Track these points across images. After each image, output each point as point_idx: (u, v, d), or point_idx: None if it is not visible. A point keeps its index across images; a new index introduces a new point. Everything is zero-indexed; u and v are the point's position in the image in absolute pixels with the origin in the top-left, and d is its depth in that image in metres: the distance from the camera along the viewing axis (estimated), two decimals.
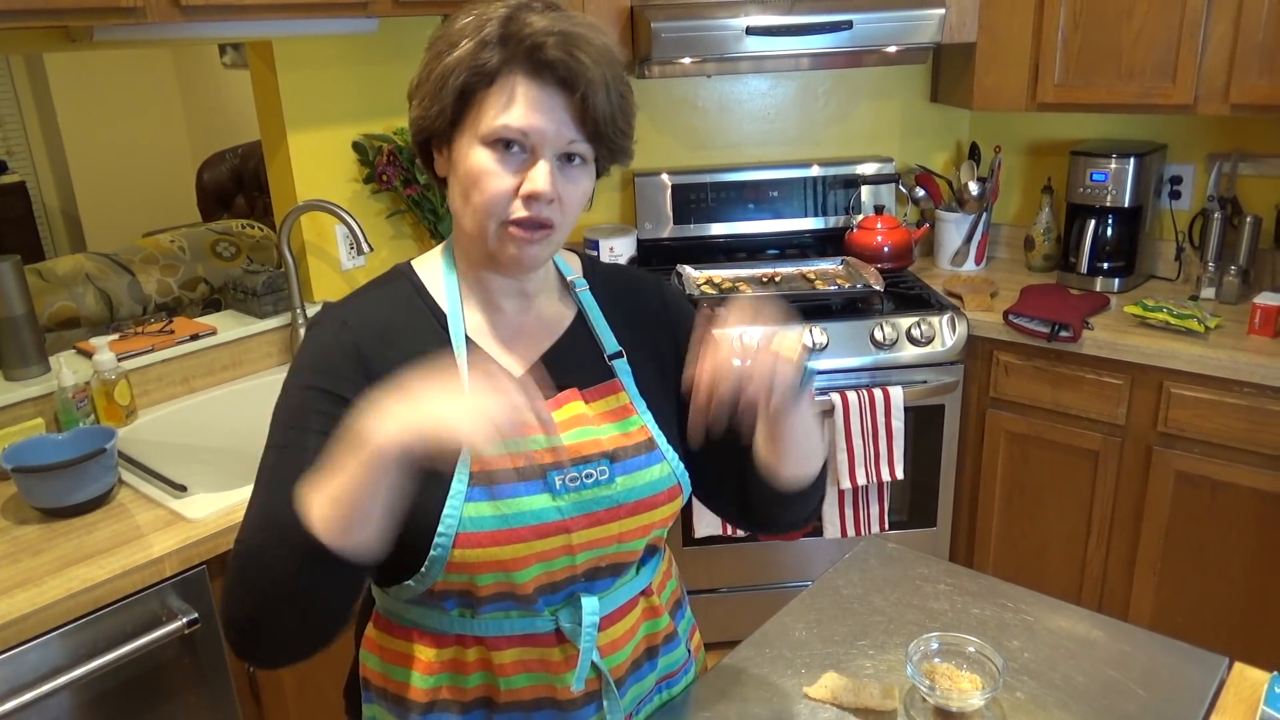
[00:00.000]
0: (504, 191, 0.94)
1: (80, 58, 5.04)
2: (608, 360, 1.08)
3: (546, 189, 0.93)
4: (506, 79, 0.93)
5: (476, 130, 0.95)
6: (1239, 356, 2.10)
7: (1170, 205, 2.64)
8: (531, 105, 0.93)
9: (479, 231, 0.97)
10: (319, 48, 2.26)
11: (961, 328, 2.40)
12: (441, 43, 0.96)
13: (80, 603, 1.40)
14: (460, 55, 0.93)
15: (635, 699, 1.12)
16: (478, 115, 0.94)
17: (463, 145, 0.96)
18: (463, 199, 0.97)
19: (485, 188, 0.94)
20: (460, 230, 1.03)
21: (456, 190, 0.99)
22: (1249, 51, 2.15)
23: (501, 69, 0.93)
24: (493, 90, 0.93)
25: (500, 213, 0.95)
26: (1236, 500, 2.17)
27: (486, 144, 0.94)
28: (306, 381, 0.99)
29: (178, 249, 2.87)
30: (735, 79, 2.88)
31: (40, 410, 1.86)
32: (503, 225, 0.96)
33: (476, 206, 0.96)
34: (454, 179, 0.99)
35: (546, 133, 0.93)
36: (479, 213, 0.96)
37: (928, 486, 2.53)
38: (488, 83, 0.93)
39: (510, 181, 0.94)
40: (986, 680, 1.08)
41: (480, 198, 0.95)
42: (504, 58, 0.93)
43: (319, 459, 0.91)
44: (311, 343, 1.02)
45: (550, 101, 0.93)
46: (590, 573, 1.04)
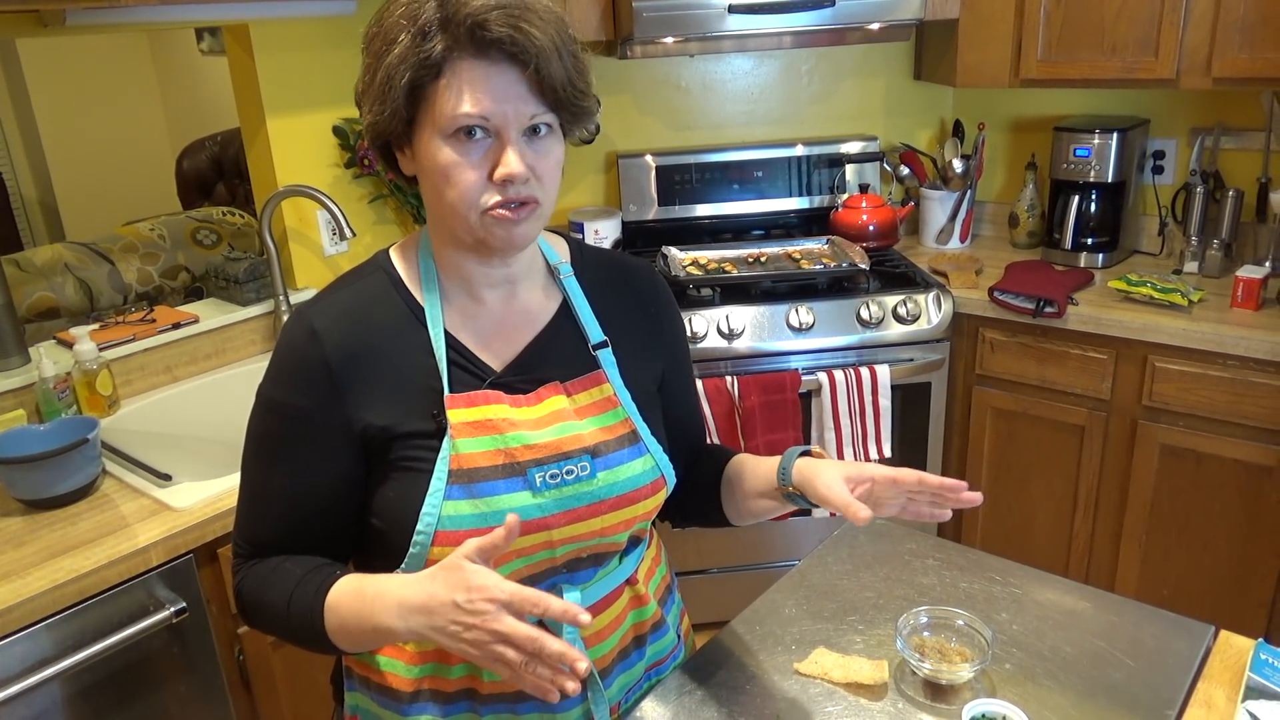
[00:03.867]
0: (476, 182, 0.92)
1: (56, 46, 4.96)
2: (592, 350, 1.06)
3: (520, 170, 0.91)
4: (454, 66, 0.90)
5: (435, 125, 0.91)
6: (1222, 329, 2.11)
7: (1153, 180, 2.65)
8: (485, 89, 0.90)
9: (462, 224, 0.95)
10: (296, 31, 2.23)
11: (947, 305, 2.40)
12: (378, 41, 0.92)
13: (66, 594, 1.39)
14: (401, 51, 0.89)
15: (623, 688, 1.11)
16: (432, 109, 0.91)
17: (424, 142, 0.93)
18: (436, 195, 0.95)
19: (457, 182, 0.92)
20: (440, 223, 1.00)
21: (428, 187, 0.96)
22: (1230, 25, 2.15)
23: (447, 57, 0.89)
24: (442, 80, 0.90)
25: (478, 202, 0.93)
26: (1221, 472, 2.19)
27: (448, 137, 0.91)
28: (273, 396, 1.00)
29: (158, 237, 2.84)
30: (718, 58, 2.86)
31: (21, 401, 1.84)
32: (483, 213, 0.93)
33: (452, 202, 0.93)
34: (423, 176, 0.96)
35: (506, 113, 0.91)
36: (456, 207, 0.93)
37: (915, 464, 2.52)
38: (435, 74, 0.90)
39: (480, 170, 0.92)
40: (975, 653, 1.09)
41: (454, 192, 0.92)
42: (446, 44, 0.89)
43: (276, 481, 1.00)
44: (282, 353, 1.00)
45: (503, 79, 0.90)
46: (571, 564, 1.03)
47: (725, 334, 2.35)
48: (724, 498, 1.18)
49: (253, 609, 1.02)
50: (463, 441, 0.97)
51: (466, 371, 1.01)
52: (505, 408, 1.00)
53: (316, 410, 0.97)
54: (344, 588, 0.95)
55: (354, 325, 0.99)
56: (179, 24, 2.08)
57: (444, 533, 0.95)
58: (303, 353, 0.98)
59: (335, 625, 0.94)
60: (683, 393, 1.20)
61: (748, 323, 2.37)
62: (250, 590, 1.02)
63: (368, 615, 0.90)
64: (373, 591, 0.91)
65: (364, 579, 0.94)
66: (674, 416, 1.16)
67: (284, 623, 0.98)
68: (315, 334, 0.98)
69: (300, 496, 1.00)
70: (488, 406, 0.99)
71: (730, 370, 2.36)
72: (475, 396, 0.99)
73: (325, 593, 0.95)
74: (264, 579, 1.00)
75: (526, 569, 1.00)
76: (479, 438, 0.97)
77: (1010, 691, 1.07)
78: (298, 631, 0.97)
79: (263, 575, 1.01)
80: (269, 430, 1.01)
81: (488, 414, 0.98)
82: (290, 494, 1.00)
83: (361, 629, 0.92)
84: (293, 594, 0.97)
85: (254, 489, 1.03)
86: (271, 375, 1.01)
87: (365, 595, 0.92)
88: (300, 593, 0.97)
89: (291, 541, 1.01)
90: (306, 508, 1.00)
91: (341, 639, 0.95)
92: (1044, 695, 1.06)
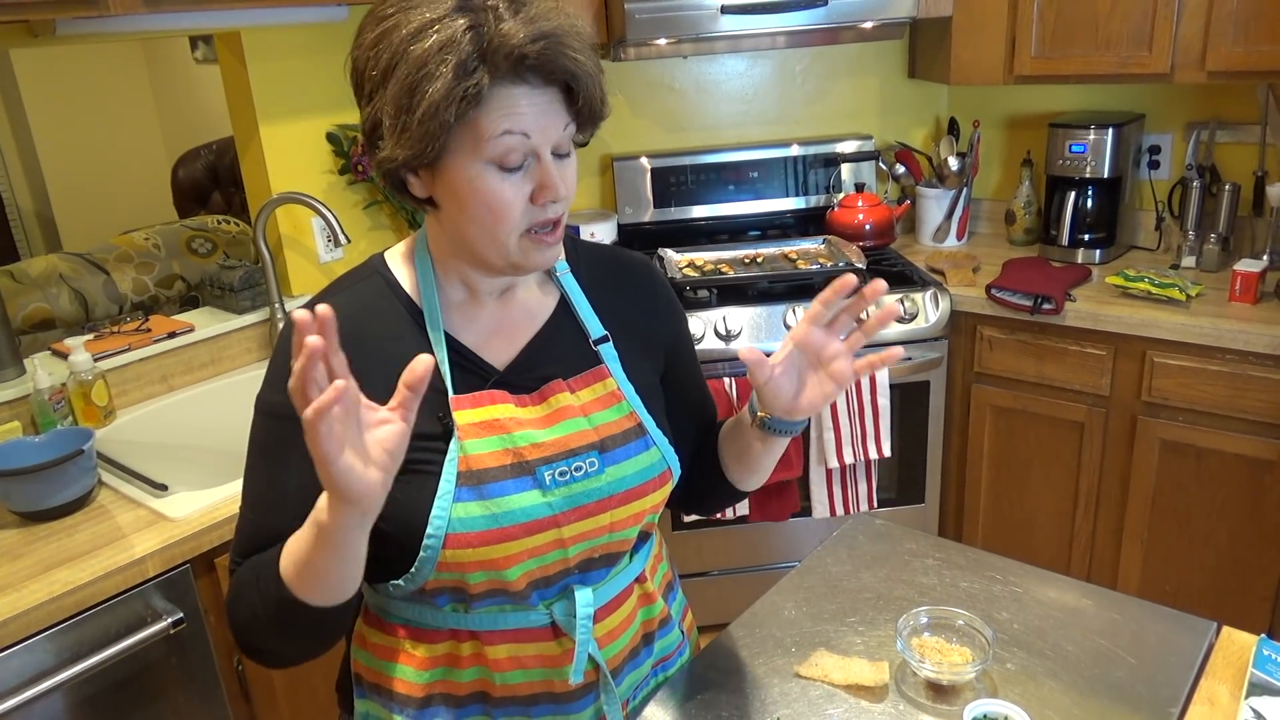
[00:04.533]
0: (521, 206, 0.92)
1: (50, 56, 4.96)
2: (593, 345, 1.06)
3: (563, 190, 0.92)
4: (498, 91, 0.87)
5: (476, 151, 0.89)
6: (1221, 324, 2.10)
7: (1149, 175, 2.64)
8: (528, 109, 0.89)
9: (498, 249, 0.94)
10: (288, 38, 2.23)
11: (944, 303, 2.40)
12: (403, 69, 0.86)
13: (63, 606, 1.39)
14: (443, 86, 0.84)
15: (632, 685, 1.11)
16: (473, 133, 0.88)
17: (458, 168, 0.90)
18: (472, 223, 0.93)
19: (501, 207, 0.91)
20: (462, 247, 0.97)
21: (456, 212, 0.93)
22: (1224, 18, 2.15)
23: (491, 86, 0.87)
24: (484, 107, 0.87)
25: (520, 225, 0.93)
26: (1221, 466, 2.18)
27: (489, 164, 0.89)
28: (274, 400, 0.98)
29: (153, 246, 2.83)
30: (711, 59, 2.86)
31: (16, 413, 1.84)
32: (521, 237, 0.93)
33: (492, 228, 0.92)
34: (451, 202, 0.93)
35: (547, 131, 0.90)
36: (498, 232, 0.92)
37: (915, 463, 2.54)
38: (478, 102, 0.87)
39: (523, 193, 0.91)
40: (976, 653, 1.08)
41: (497, 220, 0.91)
42: (490, 74, 0.86)
43: (289, 485, 0.96)
44: (279, 358, 0.99)
45: (544, 98, 0.90)
46: (584, 564, 1.03)
47: (723, 335, 2.35)
48: (723, 462, 1.16)
49: (232, 607, 0.98)
50: (470, 443, 0.96)
51: (469, 372, 1.00)
52: (511, 407, 0.99)
53: None
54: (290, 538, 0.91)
55: (353, 329, 0.97)
56: (171, 33, 2.08)
57: (455, 535, 0.94)
58: None
59: (288, 562, 0.90)
60: (690, 379, 1.19)
61: (745, 324, 2.36)
62: (231, 590, 0.99)
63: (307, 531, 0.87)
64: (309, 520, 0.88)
65: None
66: (684, 404, 1.15)
67: (254, 600, 0.93)
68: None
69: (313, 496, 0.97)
70: (493, 406, 0.98)
71: (728, 371, 2.35)
72: (480, 397, 0.98)
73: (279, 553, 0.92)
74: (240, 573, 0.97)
75: (539, 569, 1.00)
76: (486, 438, 0.97)
77: (1012, 691, 1.06)
78: (264, 599, 0.92)
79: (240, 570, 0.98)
80: (272, 437, 0.99)
81: (494, 414, 0.98)
82: (305, 497, 0.94)
83: (300, 538, 0.87)
84: (259, 568, 0.94)
85: (260, 500, 1.00)
86: (270, 381, 0.99)
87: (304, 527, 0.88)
88: (266, 563, 0.93)
89: None
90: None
91: (294, 578, 0.89)
92: (1046, 694, 1.06)
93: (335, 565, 0.87)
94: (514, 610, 1.01)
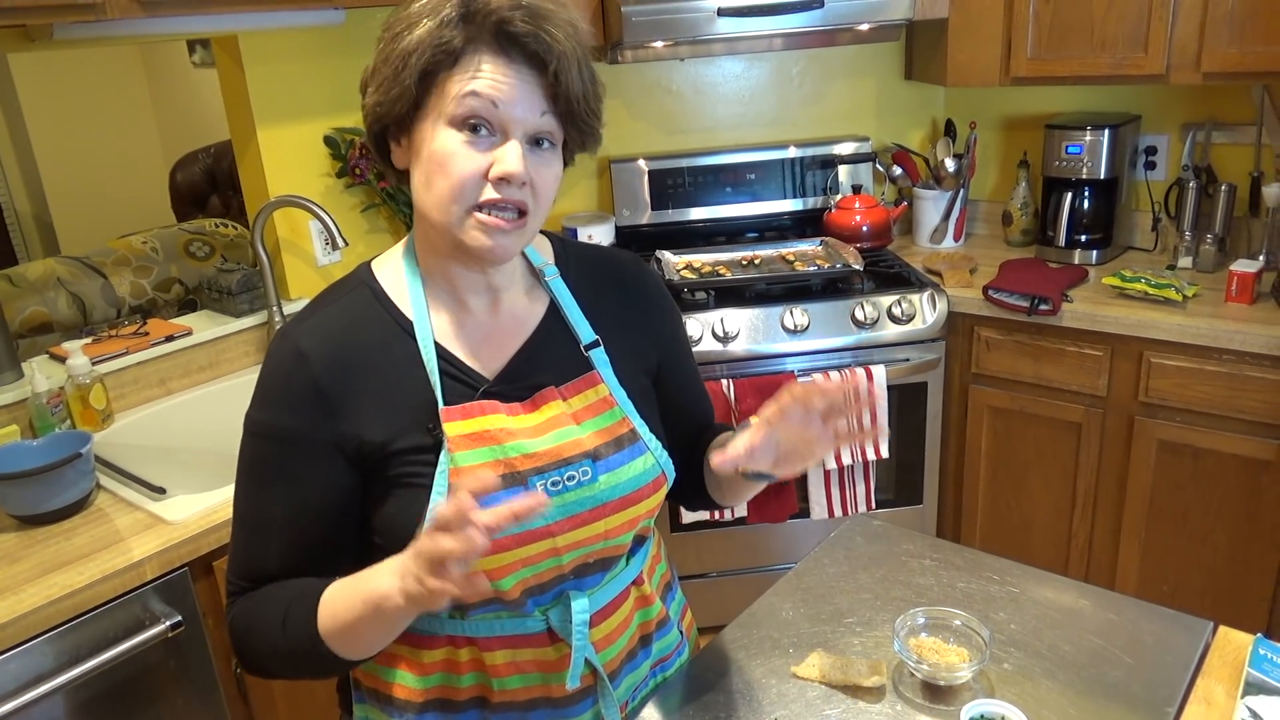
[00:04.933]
0: (473, 174, 0.89)
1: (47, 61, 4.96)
2: (584, 351, 1.05)
3: (519, 169, 0.89)
4: (471, 56, 0.89)
5: (441, 111, 0.90)
6: (1217, 324, 2.11)
7: (1146, 176, 2.65)
8: (501, 80, 0.89)
9: (445, 219, 0.92)
10: (286, 41, 2.23)
11: (942, 305, 2.40)
12: (399, 24, 0.91)
13: (61, 609, 1.39)
14: (420, 35, 0.88)
15: (630, 687, 1.11)
16: (441, 95, 0.90)
17: (426, 129, 0.92)
18: (426, 185, 0.92)
19: (452, 170, 0.89)
20: (424, 222, 0.97)
21: (419, 177, 0.94)
22: (1219, 20, 2.16)
23: (466, 46, 0.89)
24: (457, 69, 0.89)
25: (469, 197, 0.90)
26: (1219, 467, 2.19)
27: (454, 125, 0.90)
28: (263, 420, 0.98)
29: (150, 250, 2.84)
30: (708, 61, 2.86)
31: (14, 417, 1.84)
32: (470, 212, 0.91)
33: (441, 192, 0.91)
34: (416, 166, 0.94)
35: (517, 106, 0.89)
36: (445, 198, 0.91)
37: (913, 464, 2.54)
38: (451, 62, 0.89)
39: (479, 163, 0.89)
40: (973, 653, 1.08)
41: (446, 182, 0.90)
42: (468, 35, 0.89)
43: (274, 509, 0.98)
44: (268, 375, 0.98)
45: (519, 76, 0.89)
46: (578, 570, 1.02)
47: (720, 337, 2.35)
48: (706, 479, 1.16)
49: (245, 637, 0.99)
50: (461, 454, 0.95)
51: (459, 382, 0.99)
52: (502, 417, 0.98)
53: (309, 432, 0.95)
54: (336, 585, 0.93)
55: (341, 343, 0.97)
56: (168, 37, 2.08)
57: None
58: (291, 374, 0.96)
59: (328, 617, 0.91)
60: (685, 380, 1.18)
61: (743, 325, 2.36)
62: (241, 619, 0.99)
63: (363, 585, 0.88)
64: (365, 573, 0.90)
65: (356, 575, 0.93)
66: (678, 405, 1.15)
67: (278, 641, 0.95)
68: (302, 355, 0.96)
69: (301, 520, 0.97)
70: (484, 417, 0.97)
71: (726, 373, 2.35)
72: (470, 408, 0.97)
73: (317, 599, 0.93)
74: (254, 605, 0.98)
75: (533, 578, 0.99)
76: (477, 449, 0.96)
77: (1009, 691, 1.07)
78: (292, 646, 0.94)
79: (253, 602, 0.99)
80: (262, 457, 0.98)
81: (484, 425, 0.97)
82: (290, 520, 0.97)
83: (352, 605, 0.89)
84: (287, 610, 0.95)
85: (251, 520, 1.00)
86: (259, 400, 0.98)
87: (357, 580, 0.90)
88: (295, 606, 0.95)
89: (294, 570, 0.99)
90: (308, 532, 0.98)
91: (335, 634, 0.91)
92: (1043, 694, 1.06)
93: (383, 637, 0.93)
94: (510, 617, 1.01)
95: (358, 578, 0.91)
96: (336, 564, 1.00)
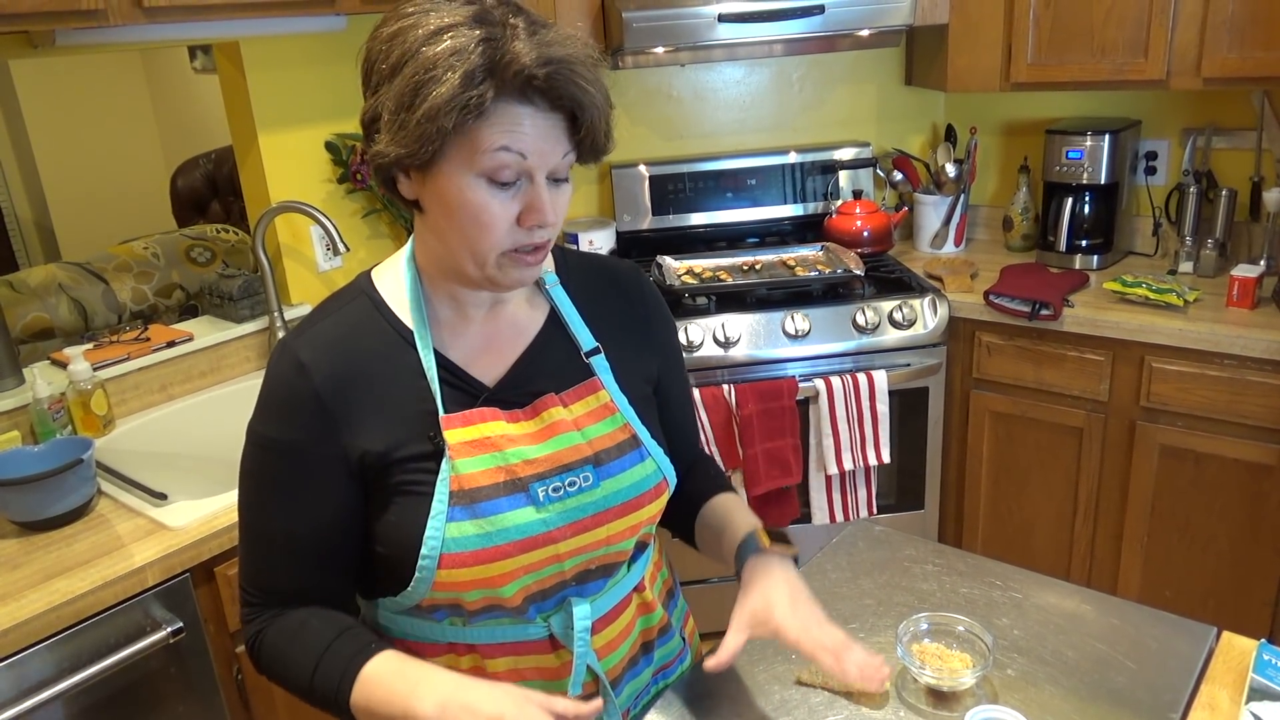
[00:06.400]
0: (507, 224, 0.91)
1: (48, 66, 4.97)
2: (585, 358, 1.05)
3: (553, 217, 0.91)
4: (500, 108, 0.86)
5: (468, 161, 0.88)
6: (1218, 329, 2.11)
7: (1146, 181, 2.65)
8: (529, 130, 0.88)
9: (476, 262, 0.93)
10: (287, 47, 2.24)
11: (943, 310, 2.40)
12: (410, 69, 0.86)
13: (62, 616, 1.38)
14: (447, 95, 0.84)
15: (632, 694, 1.11)
16: (467, 145, 0.87)
17: (449, 175, 0.89)
18: (456, 232, 0.92)
19: (486, 221, 0.90)
20: (444, 255, 0.97)
21: (442, 219, 0.92)
22: (1219, 25, 2.16)
23: (496, 100, 0.86)
24: (484, 121, 0.86)
25: (503, 244, 0.91)
26: (1220, 471, 2.18)
27: (481, 177, 0.88)
28: (265, 432, 0.98)
29: (151, 256, 2.84)
30: (709, 67, 2.87)
31: (15, 423, 1.84)
32: (502, 254, 0.92)
33: (475, 241, 0.91)
34: (437, 207, 0.92)
35: (545, 155, 0.89)
36: (479, 247, 0.91)
37: (914, 469, 2.54)
38: (478, 114, 0.86)
39: (512, 210, 0.90)
40: (977, 659, 1.08)
41: (480, 232, 0.90)
42: (495, 91, 0.85)
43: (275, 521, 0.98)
44: (270, 387, 0.99)
45: (546, 123, 0.89)
46: (580, 576, 1.02)
47: (721, 342, 2.35)
48: (697, 535, 1.18)
49: (271, 665, 1.00)
50: (462, 462, 0.95)
51: (459, 390, 0.99)
52: (502, 424, 0.98)
53: (311, 443, 0.96)
54: (384, 666, 0.94)
55: (341, 353, 0.97)
56: (170, 43, 2.09)
57: (449, 555, 0.94)
58: (292, 386, 0.96)
59: (362, 698, 0.93)
60: (677, 398, 1.19)
61: (744, 331, 2.36)
62: (271, 647, 1.00)
63: (403, 696, 0.90)
64: (416, 675, 0.91)
65: (407, 661, 0.94)
66: (667, 424, 1.15)
67: (305, 687, 0.97)
68: (303, 366, 0.96)
69: (304, 534, 0.98)
70: (484, 424, 0.98)
71: (727, 379, 2.35)
72: (471, 415, 0.97)
73: (359, 665, 0.94)
74: (289, 639, 0.99)
75: (535, 584, 0.99)
76: (478, 456, 0.96)
77: (1012, 697, 1.06)
78: (316, 697, 0.96)
79: (287, 634, 0.99)
80: (264, 468, 0.99)
81: (485, 432, 0.97)
82: (294, 531, 0.98)
83: (390, 704, 0.91)
84: (320, 660, 0.95)
85: (256, 531, 1.01)
86: (261, 412, 0.99)
87: (408, 677, 0.91)
88: (329, 660, 0.95)
89: (301, 582, 1.00)
90: (311, 545, 0.98)
91: (365, 713, 0.94)
92: (1046, 700, 1.05)
93: None
94: (512, 624, 1.01)
95: (402, 675, 0.92)
96: (342, 576, 1.01)
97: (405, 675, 0.92)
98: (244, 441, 1.00)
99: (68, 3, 1.56)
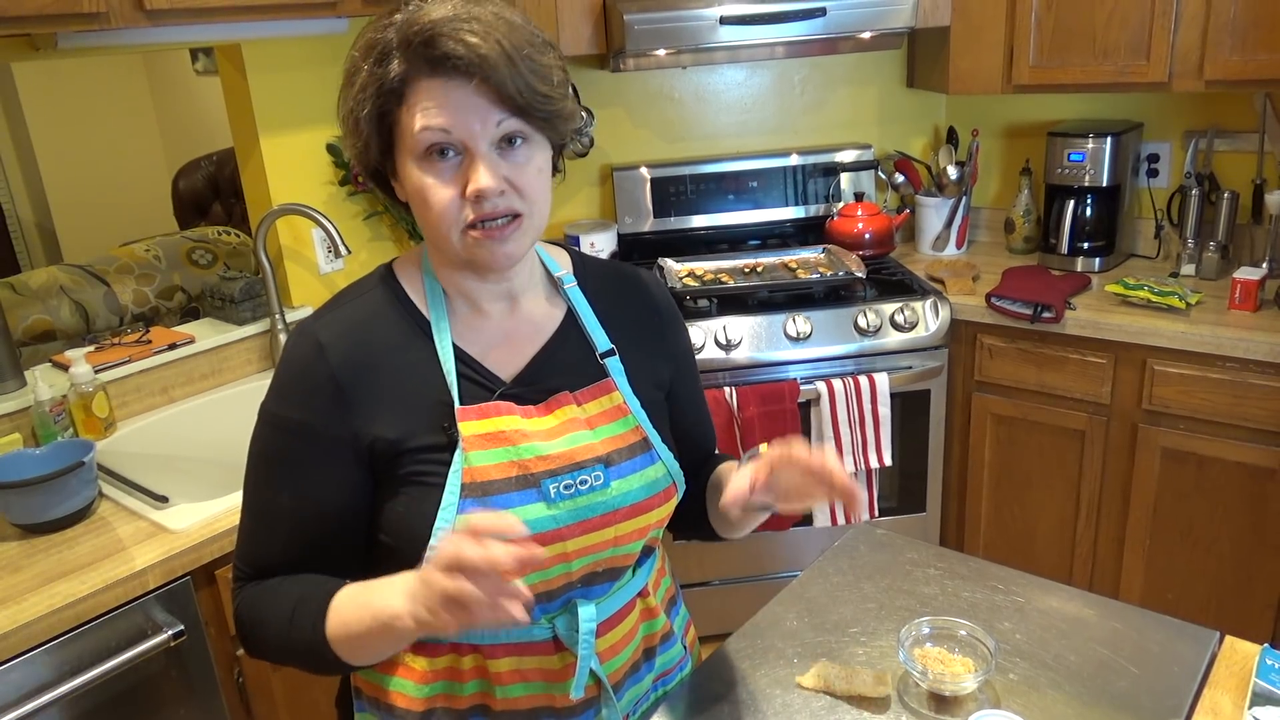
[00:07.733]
0: (451, 200, 0.92)
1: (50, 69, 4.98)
2: (600, 359, 1.06)
3: (491, 184, 0.90)
4: (413, 88, 0.90)
5: (407, 149, 0.92)
6: (1220, 332, 2.10)
7: (1148, 183, 2.65)
8: (443, 103, 0.89)
9: (446, 243, 0.95)
10: (289, 50, 2.24)
11: (944, 312, 2.40)
12: (349, 71, 0.95)
13: (63, 619, 1.38)
14: (362, 81, 0.92)
15: (632, 700, 1.11)
16: (402, 134, 0.92)
17: (404, 167, 0.94)
18: (422, 220, 0.96)
19: (432, 202, 0.92)
20: (432, 244, 1.01)
21: (415, 212, 0.97)
22: (1221, 27, 2.16)
23: (405, 80, 0.90)
24: (404, 105, 0.91)
25: (457, 221, 0.93)
26: (1223, 475, 2.18)
27: (418, 159, 0.92)
28: (278, 412, 0.99)
29: (153, 258, 2.84)
30: (711, 70, 2.87)
31: (17, 425, 1.84)
32: (463, 233, 0.93)
33: (431, 222, 0.94)
34: (409, 201, 0.97)
35: (469, 126, 0.90)
36: (436, 227, 0.94)
37: (916, 472, 2.53)
38: (398, 100, 0.91)
39: (454, 188, 0.92)
40: (979, 663, 1.08)
41: (430, 213, 0.93)
42: (403, 67, 0.90)
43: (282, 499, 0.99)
44: (287, 367, 0.99)
45: (459, 93, 0.89)
46: (587, 578, 1.02)
47: (723, 345, 2.35)
48: (708, 509, 1.17)
49: (251, 626, 1.01)
50: (475, 454, 0.96)
51: (475, 383, 1.00)
52: (517, 419, 0.99)
53: (324, 425, 0.96)
54: (347, 590, 0.95)
55: (360, 339, 0.99)
56: (171, 46, 2.09)
57: None
58: (309, 367, 0.97)
59: (337, 624, 0.93)
60: (690, 400, 1.19)
61: (745, 333, 2.36)
62: (248, 608, 1.01)
63: (374, 600, 0.90)
64: (377, 585, 0.91)
65: (369, 581, 0.94)
66: (682, 425, 1.15)
67: (284, 636, 0.97)
68: (321, 348, 0.97)
69: (308, 515, 0.98)
70: (499, 418, 0.98)
71: (728, 381, 2.35)
72: (486, 408, 0.98)
73: (330, 598, 0.94)
74: (263, 596, 1.00)
75: (542, 584, 0.99)
76: (491, 450, 0.96)
77: (1014, 701, 1.06)
78: (297, 644, 0.96)
79: (262, 592, 1.00)
80: (275, 447, 0.99)
81: (499, 425, 0.98)
82: (298, 512, 0.98)
83: (361, 618, 0.91)
84: (295, 607, 0.96)
85: (259, 509, 1.01)
86: (276, 391, 0.99)
87: (371, 588, 0.91)
88: (303, 605, 0.96)
89: (299, 563, 1.00)
90: (315, 527, 0.99)
91: (342, 641, 0.93)
92: (1048, 705, 1.05)
93: (391, 648, 0.96)
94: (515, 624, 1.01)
95: (368, 589, 0.91)
96: (342, 562, 1.01)
97: (369, 588, 0.92)
98: (255, 423, 1.00)
99: (70, 5, 1.56)
